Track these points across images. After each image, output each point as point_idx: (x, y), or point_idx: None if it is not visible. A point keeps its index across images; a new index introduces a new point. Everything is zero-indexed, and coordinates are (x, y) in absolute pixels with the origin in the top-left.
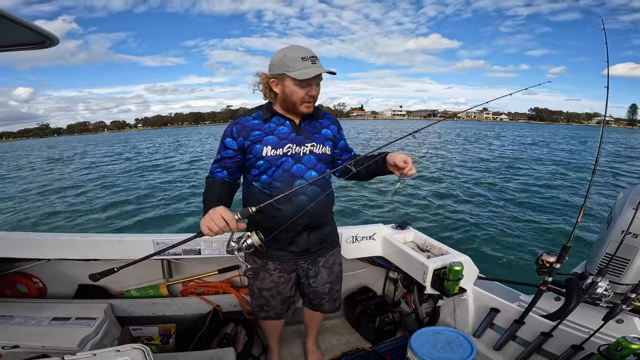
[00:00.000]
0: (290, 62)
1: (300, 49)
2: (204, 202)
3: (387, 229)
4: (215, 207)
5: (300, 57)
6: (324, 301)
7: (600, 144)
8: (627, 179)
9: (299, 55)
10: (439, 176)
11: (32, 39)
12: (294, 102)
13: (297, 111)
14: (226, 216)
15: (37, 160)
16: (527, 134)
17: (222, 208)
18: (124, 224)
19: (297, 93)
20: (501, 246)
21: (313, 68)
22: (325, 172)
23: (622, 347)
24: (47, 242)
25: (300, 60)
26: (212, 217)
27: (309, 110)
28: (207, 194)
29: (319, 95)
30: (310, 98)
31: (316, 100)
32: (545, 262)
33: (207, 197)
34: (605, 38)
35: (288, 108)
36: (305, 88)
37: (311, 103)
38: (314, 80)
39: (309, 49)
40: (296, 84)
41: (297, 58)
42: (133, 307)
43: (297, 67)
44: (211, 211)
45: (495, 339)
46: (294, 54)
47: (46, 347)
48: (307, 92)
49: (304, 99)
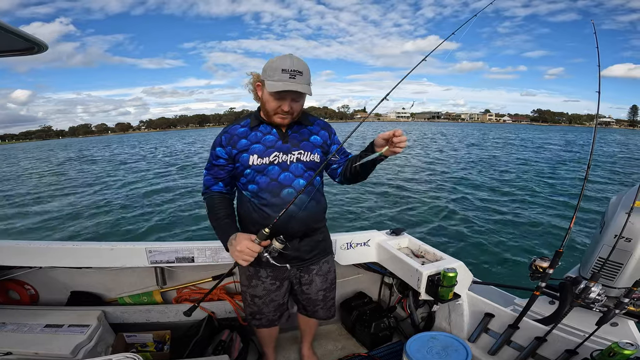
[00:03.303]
0: (270, 70)
1: (289, 60)
2: (215, 225)
3: (381, 235)
4: (237, 237)
5: (281, 69)
6: (318, 308)
7: (593, 148)
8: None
9: (281, 66)
10: (433, 180)
11: (21, 45)
12: (267, 111)
13: (271, 120)
14: (253, 247)
15: (76, 161)
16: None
17: (243, 239)
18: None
19: (270, 103)
20: (496, 250)
21: (284, 82)
22: (314, 180)
23: (614, 352)
24: (39, 250)
25: (280, 71)
26: (241, 250)
27: (282, 122)
28: (214, 214)
29: (320, 98)
30: (283, 112)
31: (295, 115)
32: (539, 268)
33: (216, 219)
34: (597, 41)
35: (266, 116)
36: (277, 101)
37: (286, 116)
38: (287, 95)
39: (300, 63)
40: (270, 93)
41: (278, 68)
42: (127, 313)
43: (272, 77)
44: (236, 244)
45: (490, 343)
46: (278, 64)
47: (39, 355)
48: (279, 105)
49: (276, 110)
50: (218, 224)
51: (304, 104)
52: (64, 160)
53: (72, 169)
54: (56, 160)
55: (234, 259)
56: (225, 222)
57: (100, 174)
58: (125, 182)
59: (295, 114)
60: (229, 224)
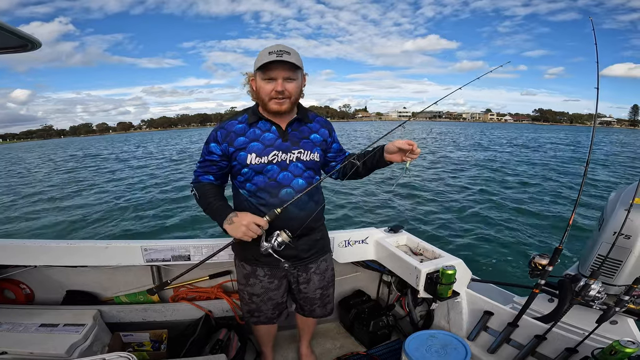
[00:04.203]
0: (259, 57)
1: (275, 45)
2: (208, 208)
3: (379, 233)
4: (238, 214)
5: (269, 52)
6: (315, 306)
7: (591, 146)
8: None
9: (267, 50)
10: (432, 179)
11: (14, 42)
12: (262, 99)
13: (268, 109)
14: (259, 221)
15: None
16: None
17: (248, 214)
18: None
19: (264, 88)
20: (494, 248)
21: (270, 56)
22: (313, 179)
23: (616, 351)
24: (34, 249)
25: (267, 54)
26: (245, 224)
27: (279, 108)
28: (206, 199)
29: (320, 97)
30: (277, 94)
31: (291, 99)
32: (538, 265)
33: (209, 202)
34: (595, 38)
35: (264, 107)
36: (271, 83)
37: (282, 100)
38: (277, 74)
39: (283, 46)
40: (262, 78)
41: (265, 52)
42: (123, 313)
43: (261, 61)
44: (240, 219)
45: (490, 342)
46: (265, 50)
47: (34, 354)
48: (273, 88)
49: (271, 94)
50: (212, 207)
51: (300, 88)
52: (80, 157)
53: (87, 167)
54: (62, 158)
55: (234, 236)
56: (220, 203)
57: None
58: (153, 181)
59: (292, 98)
60: (224, 205)
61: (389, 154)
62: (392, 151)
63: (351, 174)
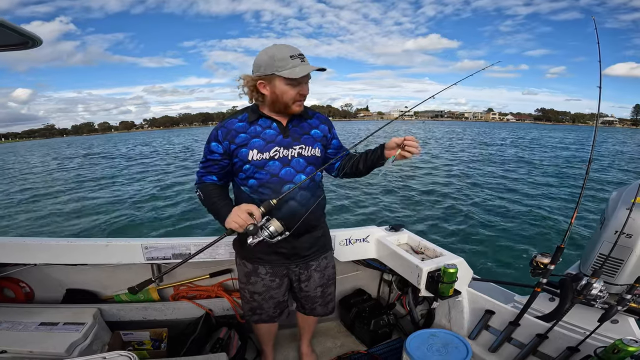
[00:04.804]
0: (278, 62)
1: (286, 47)
2: (212, 208)
3: (380, 231)
4: (237, 206)
5: (289, 56)
6: (316, 305)
7: (594, 144)
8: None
9: (287, 54)
10: (433, 177)
11: (15, 40)
12: (285, 103)
13: (289, 111)
14: (251, 208)
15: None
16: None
17: (243, 204)
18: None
19: (289, 93)
20: (496, 246)
21: (303, 66)
22: (315, 176)
23: (618, 349)
24: (34, 247)
25: (289, 58)
26: (238, 213)
27: (300, 109)
28: (210, 199)
29: (321, 97)
30: (302, 97)
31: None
32: (540, 264)
33: (213, 202)
34: (597, 36)
35: (279, 109)
36: (296, 87)
37: (302, 102)
38: (304, 79)
39: (295, 47)
40: (287, 83)
41: (286, 57)
42: (123, 311)
43: (286, 66)
44: (236, 208)
45: (491, 340)
46: (282, 53)
47: (34, 353)
48: (298, 92)
49: (296, 98)
50: (215, 207)
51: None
52: (86, 155)
53: (90, 165)
54: (65, 155)
55: (229, 226)
56: (223, 203)
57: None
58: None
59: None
60: (228, 204)
61: (388, 150)
62: (391, 147)
63: (352, 172)
